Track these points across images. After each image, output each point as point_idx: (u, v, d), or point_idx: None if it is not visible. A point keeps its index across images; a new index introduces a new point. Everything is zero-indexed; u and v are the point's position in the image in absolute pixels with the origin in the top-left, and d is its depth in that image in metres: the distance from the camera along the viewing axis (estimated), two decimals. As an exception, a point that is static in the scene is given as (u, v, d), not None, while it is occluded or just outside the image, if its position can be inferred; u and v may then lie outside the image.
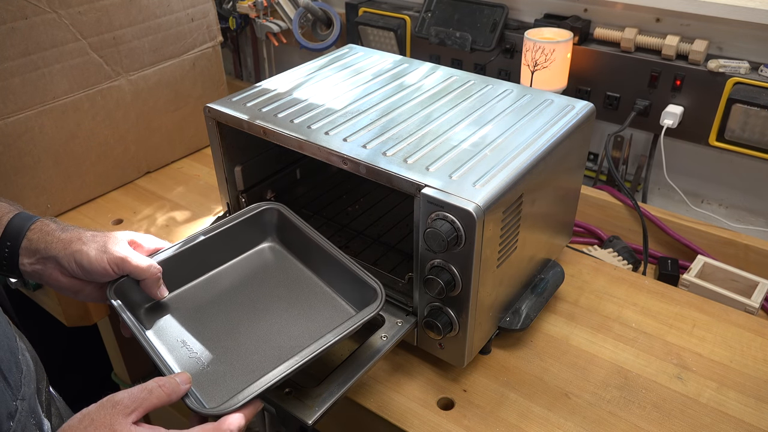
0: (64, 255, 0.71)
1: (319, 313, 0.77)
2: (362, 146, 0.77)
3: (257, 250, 0.86)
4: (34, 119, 1.03)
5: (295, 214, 0.84)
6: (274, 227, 0.86)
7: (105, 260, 0.71)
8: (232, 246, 0.84)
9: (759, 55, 1.07)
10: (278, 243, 0.87)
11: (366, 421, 0.78)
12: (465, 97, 0.90)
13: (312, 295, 0.80)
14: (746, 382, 0.79)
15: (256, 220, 0.85)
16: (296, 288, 0.81)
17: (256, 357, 0.71)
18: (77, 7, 1.04)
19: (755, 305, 0.92)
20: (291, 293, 0.80)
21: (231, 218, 0.84)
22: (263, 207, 0.86)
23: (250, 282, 0.82)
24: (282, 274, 0.83)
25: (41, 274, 0.72)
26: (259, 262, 0.85)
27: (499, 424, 0.73)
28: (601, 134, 1.25)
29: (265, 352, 0.71)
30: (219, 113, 0.88)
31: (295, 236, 0.84)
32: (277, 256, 0.86)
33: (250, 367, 0.69)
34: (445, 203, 0.67)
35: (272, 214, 0.86)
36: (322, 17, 1.47)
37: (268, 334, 0.74)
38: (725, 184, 1.19)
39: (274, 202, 0.87)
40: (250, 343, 0.73)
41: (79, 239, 0.72)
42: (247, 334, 0.74)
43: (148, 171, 1.26)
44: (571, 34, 1.15)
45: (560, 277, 0.89)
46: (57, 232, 0.72)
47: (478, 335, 0.77)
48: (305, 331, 0.74)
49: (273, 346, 0.72)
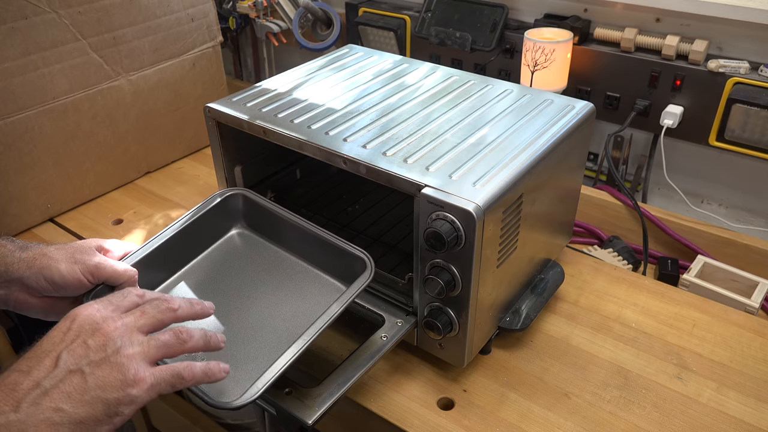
0: (29, 274, 0.66)
1: (307, 291, 0.76)
2: (362, 146, 0.77)
3: (226, 238, 0.85)
4: (34, 119, 1.03)
5: (261, 196, 0.83)
6: (239, 213, 0.85)
7: (78, 271, 0.66)
8: (200, 238, 0.83)
9: (759, 55, 1.07)
10: (246, 228, 0.85)
11: (366, 421, 0.78)
12: (465, 97, 0.90)
13: (294, 274, 0.79)
14: (746, 382, 0.79)
15: (221, 208, 0.84)
16: (276, 270, 0.80)
17: (255, 344, 0.70)
18: (77, 7, 1.04)
19: (755, 305, 0.92)
20: (272, 276, 0.79)
21: (196, 210, 0.82)
22: (227, 194, 0.84)
23: (226, 272, 0.80)
24: (257, 258, 0.82)
25: (6, 299, 0.68)
26: (230, 249, 0.83)
27: (499, 424, 0.73)
28: (601, 134, 1.25)
29: (263, 338, 0.71)
30: (219, 113, 0.88)
31: (265, 218, 0.82)
32: (246, 241, 0.84)
33: (251, 355, 0.68)
34: (445, 203, 0.67)
35: (237, 200, 0.84)
36: (322, 17, 1.47)
37: (260, 319, 0.73)
38: (725, 184, 1.19)
39: (238, 188, 0.85)
40: (244, 332, 0.72)
41: (44, 255, 0.67)
42: (239, 324, 0.73)
43: (148, 171, 1.26)
44: (571, 34, 1.15)
45: (560, 277, 0.89)
46: (16, 252, 0.67)
47: (478, 335, 0.77)
48: (297, 310, 0.73)
49: (269, 331, 0.71)
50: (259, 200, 0.83)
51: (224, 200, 0.84)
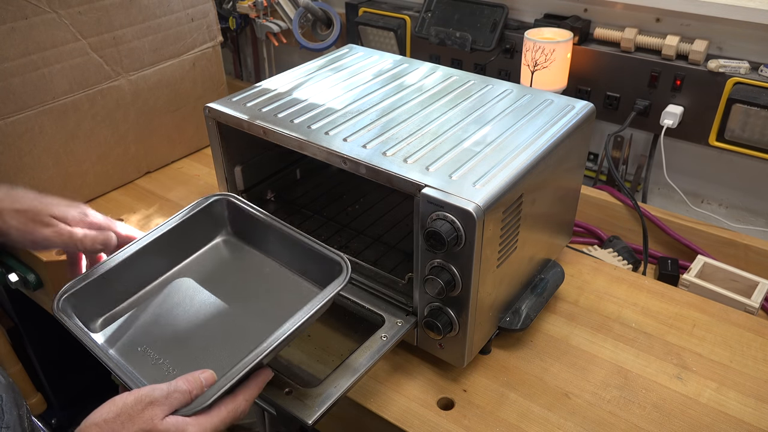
0: None
1: (285, 298, 0.75)
2: (362, 146, 0.77)
3: (212, 245, 0.83)
4: (34, 119, 1.03)
5: (246, 202, 0.81)
6: (225, 219, 0.84)
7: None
8: (185, 244, 0.81)
9: (759, 55, 1.06)
10: (232, 235, 0.84)
11: (366, 421, 0.78)
12: (465, 97, 0.90)
13: (276, 281, 0.77)
14: (746, 382, 0.79)
15: (206, 213, 0.82)
16: (259, 277, 0.78)
17: (226, 353, 0.68)
18: (77, 7, 1.04)
19: (755, 305, 0.92)
20: (254, 283, 0.78)
21: (180, 214, 0.81)
22: (211, 199, 0.83)
23: (208, 278, 0.79)
24: (241, 265, 0.81)
25: None
26: (216, 256, 0.82)
27: (499, 424, 0.73)
28: (601, 134, 1.25)
29: (235, 347, 0.69)
30: (219, 113, 0.88)
31: (250, 224, 0.81)
32: (232, 248, 0.83)
33: (220, 364, 0.66)
34: (445, 203, 0.67)
35: (222, 205, 0.83)
36: (322, 17, 1.47)
37: (233, 328, 0.72)
38: (725, 184, 1.19)
39: (223, 193, 0.84)
40: (217, 340, 0.70)
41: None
42: (213, 332, 0.71)
43: (148, 171, 1.26)
44: (571, 34, 1.15)
45: (560, 277, 0.89)
46: None
47: (478, 335, 0.77)
48: (272, 319, 0.70)
49: (242, 340, 0.69)
50: (244, 206, 0.81)
51: (210, 205, 0.82)
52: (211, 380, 0.61)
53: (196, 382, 0.59)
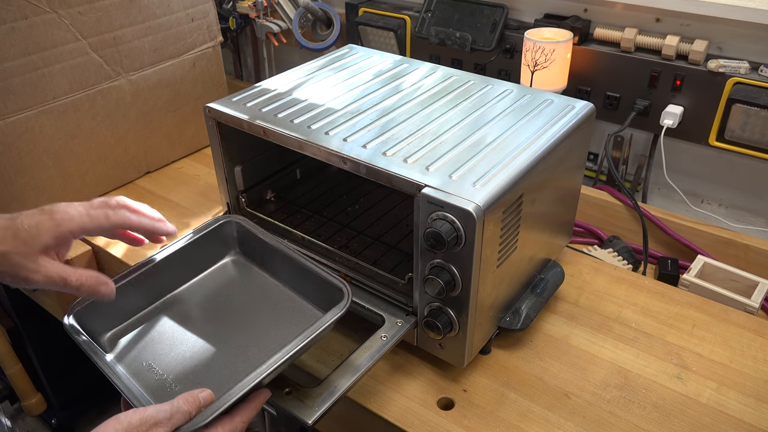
0: None
1: (287, 320, 0.77)
2: (362, 146, 0.77)
3: (221, 264, 0.86)
4: (34, 119, 1.03)
5: (254, 225, 0.84)
6: (235, 240, 0.86)
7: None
8: (193, 263, 0.84)
9: (759, 55, 1.07)
10: (241, 255, 0.86)
11: (366, 421, 0.78)
12: (465, 97, 0.90)
13: (280, 303, 0.79)
14: (746, 382, 0.79)
15: (216, 234, 0.85)
16: (263, 298, 0.80)
17: (227, 372, 0.70)
18: (77, 7, 1.04)
19: (755, 305, 0.92)
20: (258, 304, 0.80)
21: (189, 234, 0.83)
22: (221, 221, 0.85)
23: (215, 298, 0.81)
24: (248, 285, 0.83)
25: None
26: (223, 276, 0.84)
27: (499, 424, 0.73)
28: (601, 134, 1.25)
29: (235, 366, 0.71)
30: (219, 113, 0.88)
31: (257, 246, 0.83)
32: (241, 269, 0.85)
33: (220, 383, 0.68)
34: (445, 203, 0.67)
35: (231, 227, 0.86)
36: (322, 17, 1.47)
37: (237, 347, 0.74)
38: (725, 184, 1.19)
39: (232, 215, 0.87)
40: (219, 358, 0.72)
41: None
42: (216, 350, 0.73)
43: (148, 171, 1.26)
44: (571, 34, 1.15)
45: (560, 277, 0.89)
46: None
47: (478, 335, 0.77)
48: (275, 339, 0.73)
49: (243, 360, 0.72)
50: (252, 229, 0.83)
51: (219, 227, 0.85)
52: (209, 400, 0.62)
53: (195, 402, 0.61)
